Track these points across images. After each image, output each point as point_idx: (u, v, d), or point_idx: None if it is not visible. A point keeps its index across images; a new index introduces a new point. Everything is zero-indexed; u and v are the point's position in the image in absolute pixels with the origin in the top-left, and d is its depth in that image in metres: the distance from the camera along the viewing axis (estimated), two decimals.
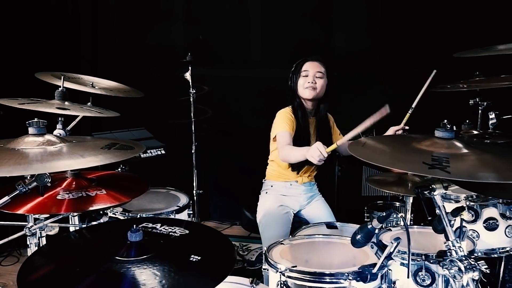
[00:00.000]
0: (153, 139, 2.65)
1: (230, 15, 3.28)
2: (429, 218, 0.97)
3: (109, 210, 1.92)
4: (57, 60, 3.13)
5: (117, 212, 2.00)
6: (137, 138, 2.60)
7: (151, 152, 2.47)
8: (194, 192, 2.79)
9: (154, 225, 1.33)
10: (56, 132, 1.54)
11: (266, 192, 2.15)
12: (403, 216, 1.00)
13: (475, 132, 2.03)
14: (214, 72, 3.22)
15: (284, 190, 2.12)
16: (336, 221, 1.85)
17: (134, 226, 1.13)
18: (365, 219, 2.30)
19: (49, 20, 3.19)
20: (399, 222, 1.92)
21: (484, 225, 1.62)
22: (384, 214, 0.99)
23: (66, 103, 1.55)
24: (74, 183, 1.35)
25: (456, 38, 2.75)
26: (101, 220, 1.51)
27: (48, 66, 2.10)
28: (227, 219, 3.53)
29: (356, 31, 3.08)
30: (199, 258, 1.10)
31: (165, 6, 3.40)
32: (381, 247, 0.98)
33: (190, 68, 2.63)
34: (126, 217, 1.98)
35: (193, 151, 2.73)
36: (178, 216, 2.05)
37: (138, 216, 1.97)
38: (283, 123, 1.98)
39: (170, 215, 2.02)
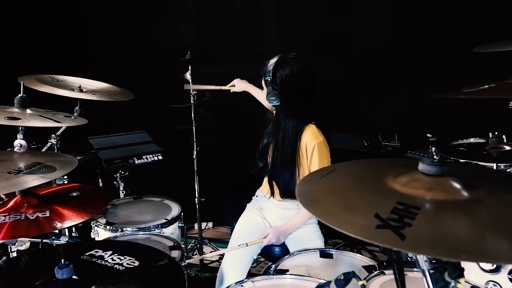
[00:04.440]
0: (151, 143, 2.51)
1: (241, 11, 3.06)
2: None
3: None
4: (71, 61, 3.08)
5: (100, 225, 1.88)
6: (134, 142, 2.47)
7: (146, 158, 2.32)
8: (196, 200, 2.62)
9: (103, 253, 1.18)
10: (16, 142, 1.41)
11: (249, 203, 1.98)
12: None
13: (507, 147, 1.60)
14: (216, 70, 3.03)
15: (263, 203, 1.91)
16: (326, 246, 1.59)
17: (62, 261, 0.97)
18: None
19: (63, 20, 3.14)
20: None
21: (510, 276, 1.16)
22: (343, 277, 0.73)
23: (28, 111, 1.42)
24: (24, 202, 1.22)
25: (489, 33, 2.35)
26: (60, 240, 1.37)
27: (61, 68, 2.06)
28: None
29: (377, 25, 2.75)
30: None
31: (175, 3, 3.25)
32: None
33: (190, 67, 2.45)
34: (107, 230, 1.85)
35: (194, 156, 2.55)
36: (165, 230, 1.90)
37: (119, 231, 1.83)
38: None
39: (155, 230, 1.87)
